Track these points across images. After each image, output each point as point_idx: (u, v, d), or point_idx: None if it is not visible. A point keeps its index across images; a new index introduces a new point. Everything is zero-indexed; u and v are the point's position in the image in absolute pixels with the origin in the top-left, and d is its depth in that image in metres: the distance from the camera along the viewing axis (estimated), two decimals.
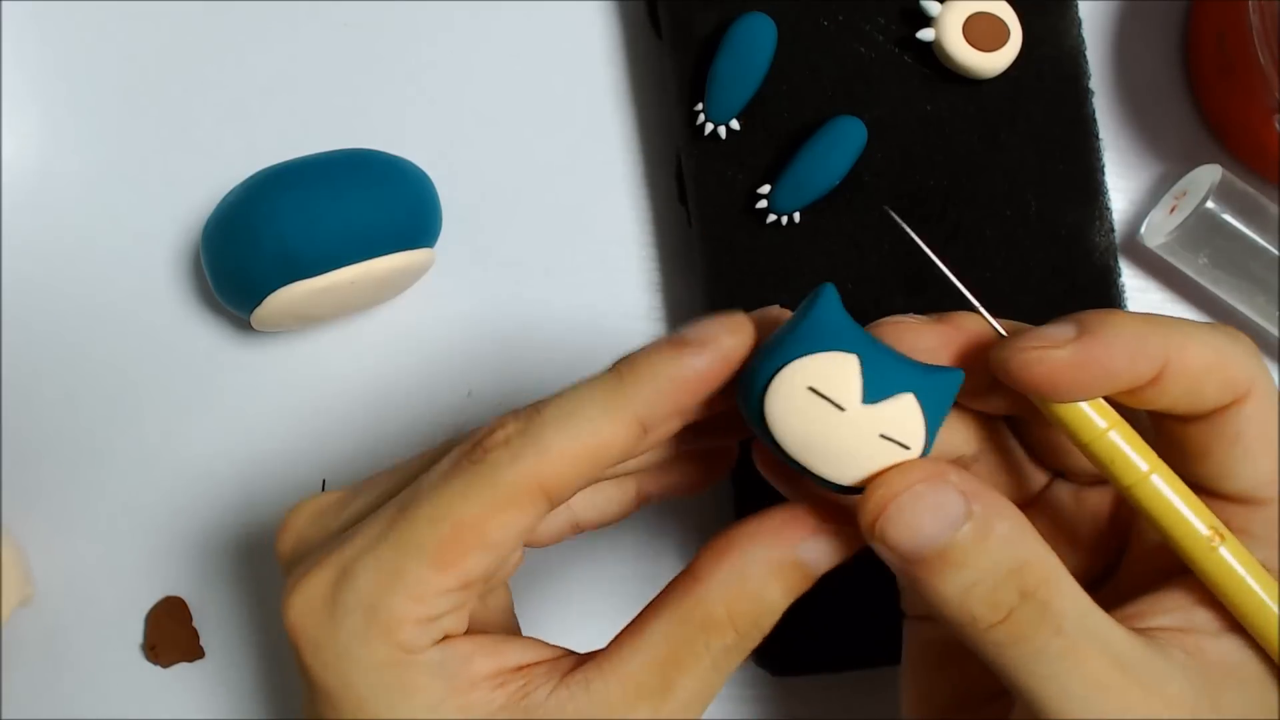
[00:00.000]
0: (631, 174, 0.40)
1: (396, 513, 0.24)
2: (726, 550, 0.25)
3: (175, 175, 0.39)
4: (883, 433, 0.23)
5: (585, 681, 0.24)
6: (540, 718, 0.24)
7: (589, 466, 0.23)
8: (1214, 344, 0.24)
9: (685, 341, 0.24)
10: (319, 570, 0.24)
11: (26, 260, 0.39)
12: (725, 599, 0.24)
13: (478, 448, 0.24)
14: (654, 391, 0.23)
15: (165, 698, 0.38)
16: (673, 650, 0.24)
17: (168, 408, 0.39)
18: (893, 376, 0.22)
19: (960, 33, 0.35)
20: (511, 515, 0.23)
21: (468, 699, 0.24)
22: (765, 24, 0.35)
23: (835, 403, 0.22)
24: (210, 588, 0.39)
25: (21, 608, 0.38)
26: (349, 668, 0.24)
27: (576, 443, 0.23)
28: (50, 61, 0.40)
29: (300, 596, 0.24)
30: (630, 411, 0.23)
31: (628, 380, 0.23)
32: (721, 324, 0.24)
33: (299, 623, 0.24)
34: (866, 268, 0.35)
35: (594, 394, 0.24)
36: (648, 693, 0.24)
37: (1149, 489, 0.24)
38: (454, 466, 0.24)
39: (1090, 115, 0.36)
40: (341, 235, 0.35)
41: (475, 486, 0.23)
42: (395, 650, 0.23)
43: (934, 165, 0.36)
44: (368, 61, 0.40)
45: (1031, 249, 0.36)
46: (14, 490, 0.39)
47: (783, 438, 0.23)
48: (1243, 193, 0.37)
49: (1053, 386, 0.23)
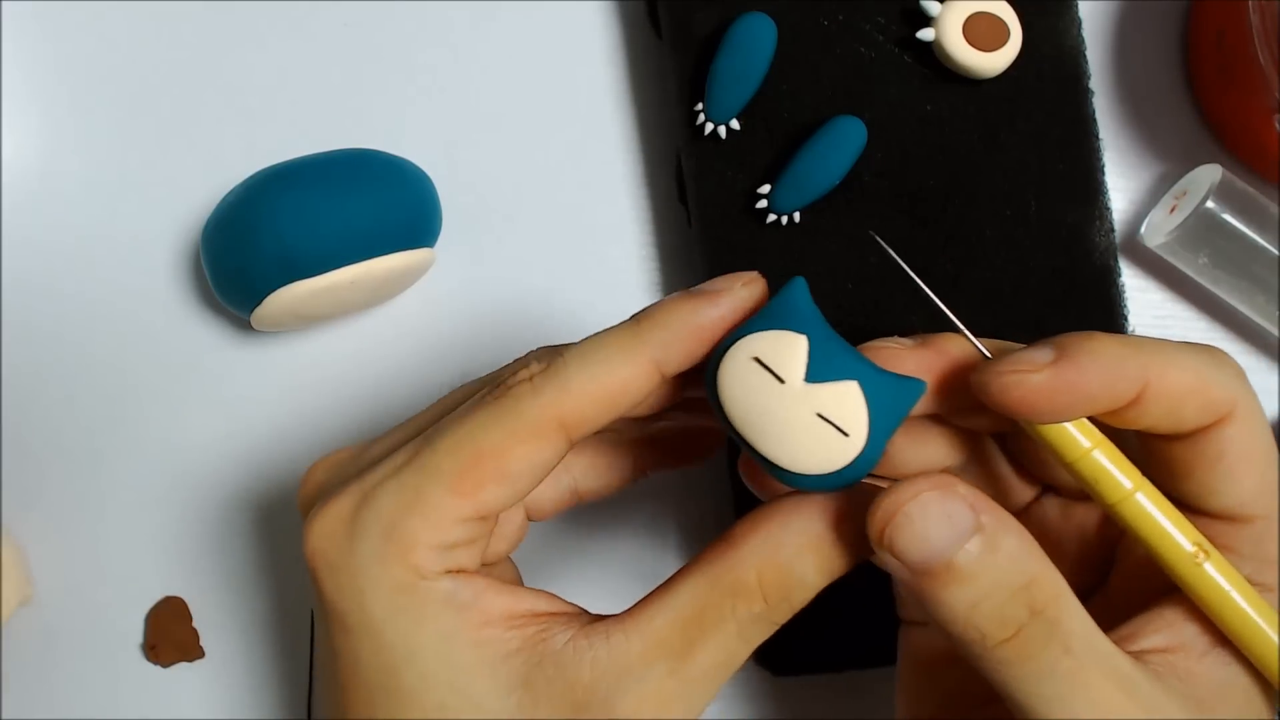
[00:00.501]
0: (631, 174, 0.40)
1: (420, 443, 0.25)
2: (766, 518, 0.25)
3: (175, 175, 0.39)
4: (820, 412, 0.23)
5: (605, 634, 0.24)
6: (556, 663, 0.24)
7: (607, 406, 0.24)
8: (1195, 366, 0.24)
9: (701, 292, 0.25)
10: (340, 498, 0.25)
11: (26, 260, 0.39)
12: (757, 565, 0.24)
13: (500, 385, 0.25)
14: (670, 336, 0.24)
15: (165, 698, 0.38)
16: (698, 611, 0.24)
17: (168, 408, 0.39)
18: (840, 363, 0.23)
19: (960, 32, 0.35)
20: (531, 447, 0.24)
21: (481, 634, 0.24)
22: (765, 24, 0.35)
23: (776, 374, 0.23)
24: (210, 588, 0.39)
25: (21, 607, 0.38)
26: (364, 587, 0.24)
27: (596, 382, 0.24)
28: (50, 61, 0.40)
29: (320, 522, 0.24)
30: (647, 354, 0.24)
31: (645, 326, 0.24)
32: (736, 277, 0.25)
33: (318, 546, 0.24)
34: (866, 268, 0.35)
35: (614, 338, 0.24)
36: (668, 651, 0.24)
37: (1134, 506, 0.24)
38: (478, 401, 0.25)
39: (1090, 115, 0.36)
40: (341, 235, 0.35)
41: (497, 417, 0.24)
42: (409, 572, 0.24)
43: (934, 165, 0.36)
44: (368, 61, 0.40)
45: (1031, 249, 0.35)
46: (14, 490, 0.39)
47: (727, 407, 0.23)
48: (1243, 192, 0.37)
49: (1032, 409, 0.23)
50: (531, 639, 0.24)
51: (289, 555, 0.39)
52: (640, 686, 0.24)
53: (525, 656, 0.24)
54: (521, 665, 0.24)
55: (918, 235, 0.35)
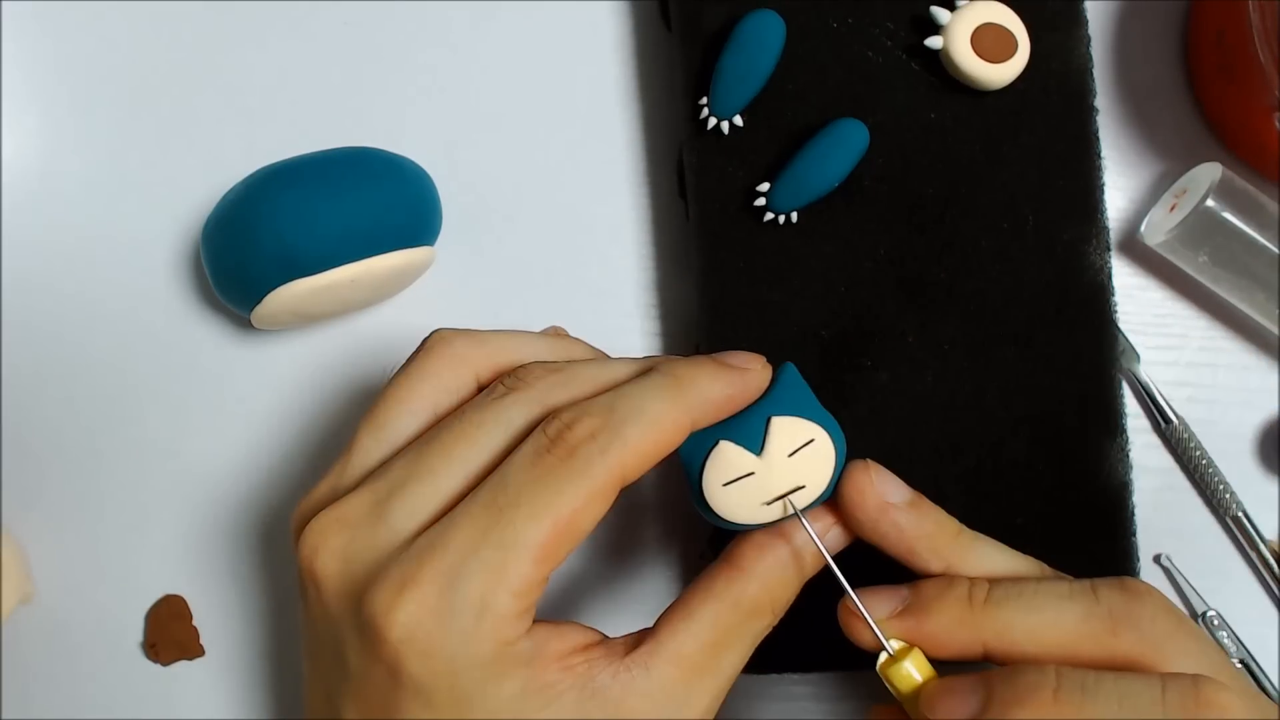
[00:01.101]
0: (633, 173, 0.40)
1: (490, 514, 0.25)
2: (769, 544, 0.28)
3: (175, 175, 0.39)
4: (789, 452, 0.27)
5: (644, 665, 0.26)
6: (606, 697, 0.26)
7: (655, 457, 0.26)
8: None
9: (730, 365, 0.28)
10: (419, 584, 0.25)
11: (26, 260, 0.39)
12: (768, 586, 0.28)
13: (561, 443, 0.26)
14: (706, 399, 0.27)
15: (165, 696, 0.38)
16: (721, 633, 0.27)
17: (168, 407, 0.39)
18: (750, 423, 0.27)
19: (968, 42, 0.35)
20: (601, 505, 0.26)
21: (544, 681, 0.26)
22: (774, 21, 0.34)
23: (745, 475, 0.27)
24: (210, 587, 0.39)
25: (21, 607, 0.38)
26: (457, 668, 0.25)
27: (649, 438, 0.26)
28: (50, 61, 0.40)
29: (405, 613, 0.25)
30: (689, 414, 0.27)
31: (685, 386, 0.27)
32: (751, 357, 0.28)
33: (408, 636, 0.25)
34: (861, 271, 0.35)
35: (660, 393, 0.27)
36: (701, 671, 0.27)
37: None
38: (539, 462, 0.26)
39: (1093, 134, 0.36)
40: (341, 233, 0.35)
41: (571, 482, 0.25)
42: (498, 645, 0.25)
43: (934, 173, 0.36)
44: (368, 61, 0.40)
45: (1026, 263, 0.35)
46: (14, 490, 0.39)
47: (752, 520, 0.28)
48: (1242, 191, 0.37)
49: None
50: (581, 677, 0.26)
51: (288, 554, 0.39)
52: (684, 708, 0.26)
53: (577, 694, 0.26)
54: (575, 703, 0.26)
55: (914, 242, 0.35)
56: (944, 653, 0.28)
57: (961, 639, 0.27)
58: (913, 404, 0.35)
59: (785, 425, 0.27)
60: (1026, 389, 0.35)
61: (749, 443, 0.27)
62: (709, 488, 0.27)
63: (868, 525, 0.29)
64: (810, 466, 0.27)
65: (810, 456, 0.27)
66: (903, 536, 0.29)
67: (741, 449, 0.27)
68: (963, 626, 0.27)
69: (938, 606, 0.28)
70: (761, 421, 0.27)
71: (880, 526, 0.28)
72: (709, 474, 0.27)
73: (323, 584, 0.27)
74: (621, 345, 0.39)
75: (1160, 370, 0.39)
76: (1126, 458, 0.35)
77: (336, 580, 0.27)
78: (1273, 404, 0.39)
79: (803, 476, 0.27)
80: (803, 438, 0.27)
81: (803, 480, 0.27)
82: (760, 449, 0.27)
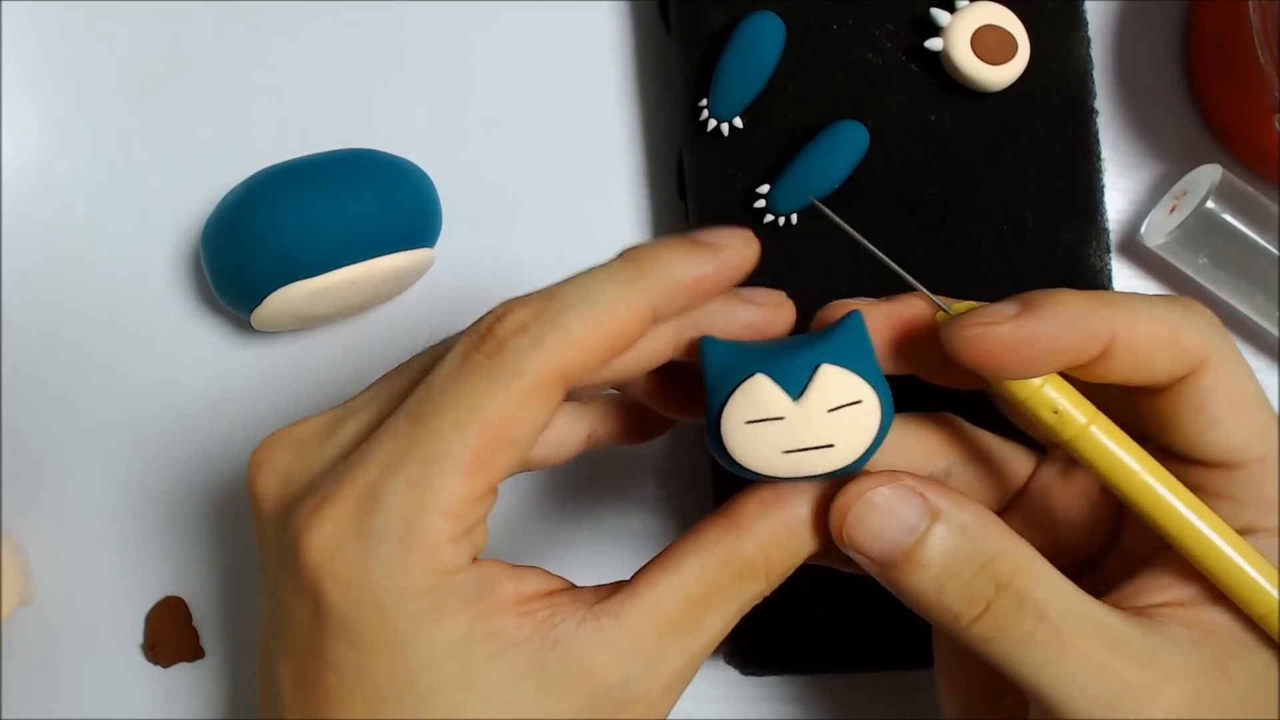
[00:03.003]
0: (633, 175, 0.40)
1: (412, 423, 0.22)
2: (775, 502, 0.25)
3: (175, 175, 0.39)
4: (829, 408, 0.23)
5: (615, 614, 0.23)
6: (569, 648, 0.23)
7: (606, 352, 0.23)
8: (1165, 318, 0.24)
9: (701, 242, 0.24)
10: (336, 500, 0.22)
11: (26, 260, 0.39)
12: (765, 548, 0.24)
13: (490, 337, 0.23)
14: (670, 283, 0.23)
15: (165, 698, 0.38)
16: (706, 591, 0.24)
17: (168, 408, 0.39)
18: (799, 363, 0.24)
19: (968, 44, 0.35)
20: (536, 406, 0.22)
21: (494, 626, 0.23)
22: (774, 23, 0.35)
23: (774, 417, 0.23)
24: (210, 588, 0.39)
25: (21, 607, 0.38)
26: (384, 600, 0.22)
27: (596, 326, 0.23)
28: (50, 61, 0.40)
29: (320, 532, 0.22)
30: (647, 299, 0.23)
31: (646, 269, 0.23)
32: (733, 230, 0.24)
33: (323, 561, 0.22)
34: (860, 273, 0.35)
35: (611, 279, 0.23)
36: (677, 629, 0.24)
37: (1089, 440, 0.24)
38: (466, 360, 0.23)
39: (1093, 135, 0.36)
40: (341, 235, 0.35)
41: (499, 380, 0.22)
42: (434, 574, 0.22)
43: (934, 175, 0.36)
44: (368, 61, 0.40)
45: (1026, 265, 0.35)
46: (14, 490, 0.39)
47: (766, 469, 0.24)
48: (1243, 193, 0.37)
49: (996, 363, 0.23)
50: (541, 624, 0.23)
51: None
52: (655, 667, 0.23)
53: (536, 643, 0.23)
54: (533, 652, 0.23)
55: (914, 244, 0.35)
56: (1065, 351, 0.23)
57: (1091, 328, 0.23)
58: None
59: (834, 376, 0.23)
60: None
61: (789, 384, 0.23)
62: (729, 420, 0.24)
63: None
64: (848, 429, 0.24)
65: (851, 418, 0.23)
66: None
67: (778, 388, 0.23)
68: (1090, 316, 0.23)
69: (1056, 301, 0.23)
70: (809, 366, 0.23)
71: None
72: (733, 405, 0.24)
73: (260, 504, 0.24)
74: None
75: None
76: None
77: (273, 501, 0.24)
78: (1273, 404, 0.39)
79: (836, 436, 0.24)
80: (849, 396, 0.23)
81: (835, 440, 0.24)
82: (799, 394, 0.23)
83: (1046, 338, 0.23)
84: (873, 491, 0.23)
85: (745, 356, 0.24)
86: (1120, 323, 0.23)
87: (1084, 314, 0.23)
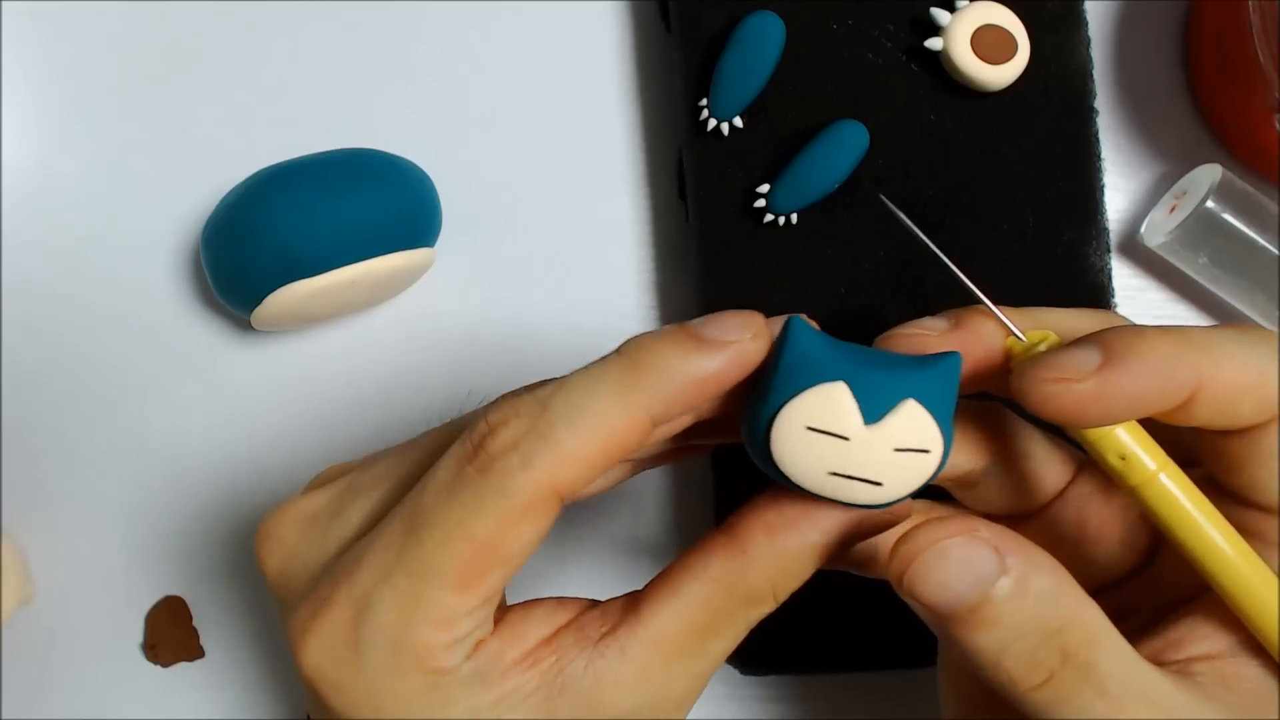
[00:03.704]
0: (632, 174, 0.40)
1: (405, 533, 0.22)
2: (784, 528, 0.24)
3: (175, 175, 0.39)
4: (896, 447, 0.22)
5: (621, 649, 0.23)
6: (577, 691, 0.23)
7: (601, 465, 0.22)
8: (1252, 361, 0.23)
9: (702, 339, 0.23)
10: (331, 608, 0.23)
11: (26, 260, 0.39)
12: (772, 574, 0.24)
13: (481, 452, 0.22)
14: (668, 387, 0.22)
15: (165, 698, 0.38)
16: (711, 617, 0.24)
17: (168, 408, 0.39)
18: (887, 389, 0.22)
19: (968, 44, 0.35)
20: (528, 525, 0.22)
21: (499, 692, 0.23)
22: (774, 23, 0.35)
23: (838, 435, 0.22)
24: (210, 588, 0.39)
25: (21, 607, 0.38)
26: (381, 702, 0.22)
27: (590, 442, 0.22)
28: (50, 61, 0.40)
29: (316, 639, 0.23)
30: (644, 407, 0.22)
31: (642, 371, 0.22)
32: (739, 324, 0.23)
33: (318, 666, 0.23)
34: (861, 273, 0.35)
35: (605, 384, 0.22)
36: (682, 653, 0.23)
37: (1155, 489, 0.23)
38: (458, 475, 0.22)
39: (1093, 135, 0.36)
40: (341, 235, 0.35)
41: (487, 499, 0.22)
42: (427, 675, 0.22)
43: (934, 175, 0.36)
44: (368, 61, 0.40)
45: (1026, 265, 0.35)
46: (14, 490, 0.39)
47: (803, 481, 0.22)
48: (1243, 192, 0.37)
49: (1075, 417, 0.22)
50: (548, 672, 0.23)
51: None
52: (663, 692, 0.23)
53: (545, 692, 0.23)
54: (542, 701, 0.23)
55: (913, 244, 0.35)
56: (1149, 402, 0.22)
57: (1178, 376, 0.22)
58: None
59: (915, 416, 0.22)
60: None
61: (868, 405, 0.22)
62: (788, 418, 0.22)
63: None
64: (902, 473, 0.22)
65: (911, 463, 0.22)
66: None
67: (855, 405, 0.22)
68: (1177, 362, 0.22)
69: (1140, 348, 0.22)
70: (896, 395, 0.22)
71: None
72: (799, 404, 0.22)
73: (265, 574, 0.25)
74: None
75: None
76: None
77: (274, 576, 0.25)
78: None
79: (888, 476, 0.22)
80: (920, 442, 0.22)
81: (886, 480, 0.22)
82: (875, 420, 0.22)
83: (1131, 391, 0.22)
84: (946, 541, 0.22)
85: (831, 356, 0.22)
86: (1207, 368, 0.22)
87: (1170, 360, 0.22)
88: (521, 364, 0.39)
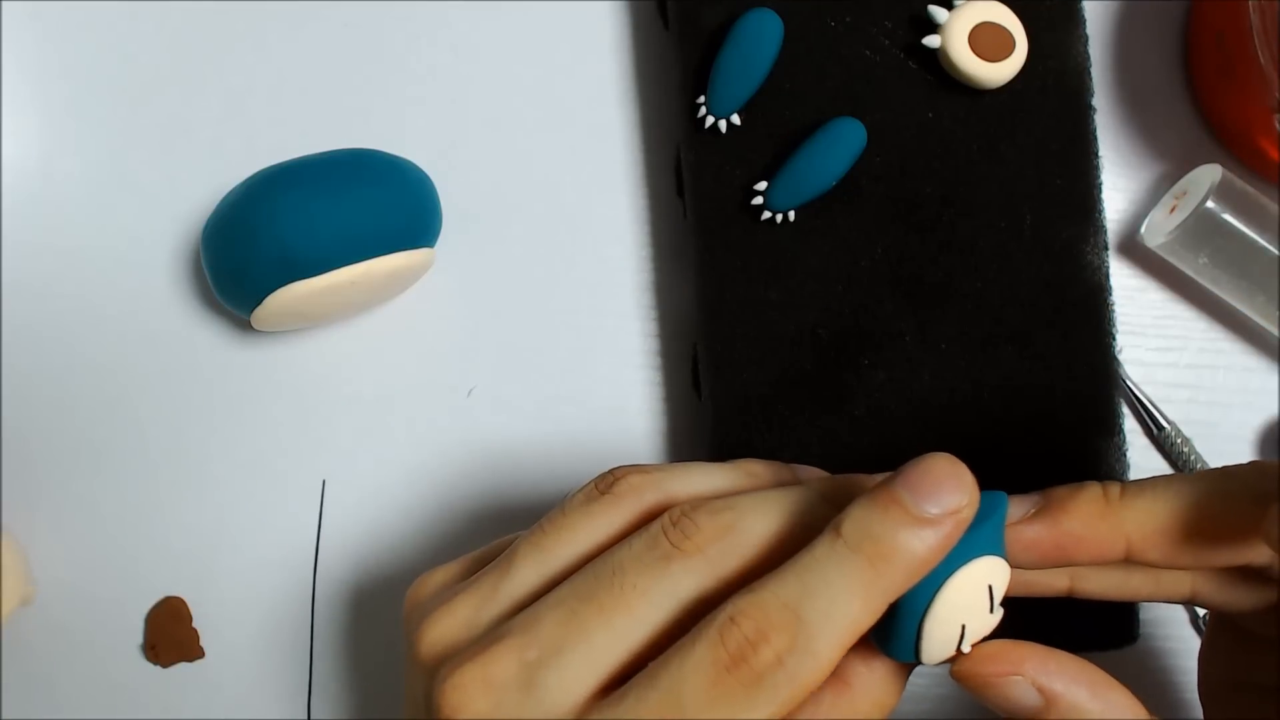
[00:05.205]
0: (632, 174, 0.40)
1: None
2: (874, 657, 0.25)
3: (175, 175, 0.40)
4: (999, 602, 0.24)
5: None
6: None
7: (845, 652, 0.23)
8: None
9: (925, 519, 0.23)
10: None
11: (26, 260, 0.39)
12: (878, 703, 0.25)
13: (744, 665, 0.23)
14: (905, 575, 0.23)
15: (165, 698, 0.38)
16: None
17: (168, 408, 0.39)
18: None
19: (966, 41, 0.35)
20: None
21: None
22: (772, 20, 0.35)
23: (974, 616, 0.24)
24: (210, 588, 0.39)
25: (22, 607, 0.38)
26: None
27: (844, 646, 0.23)
28: (50, 61, 0.40)
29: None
30: (885, 598, 0.23)
31: (880, 570, 0.23)
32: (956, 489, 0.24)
33: None
34: (858, 270, 0.35)
35: (849, 586, 0.23)
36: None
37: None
38: (721, 682, 0.23)
39: (1091, 133, 0.36)
40: (341, 235, 0.35)
41: (755, 710, 0.23)
42: None
43: (932, 172, 0.36)
44: (368, 61, 0.40)
45: (1024, 262, 0.35)
46: (14, 490, 0.39)
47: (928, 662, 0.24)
48: (1243, 193, 0.37)
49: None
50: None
51: (289, 556, 0.39)
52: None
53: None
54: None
55: (911, 241, 0.35)
56: (1084, 552, 0.26)
57: (1103, 533, 0.25)
58: (910, 403, 0.35)
59: (1004, 575, 0.24)
60: (1023, 388, 0.35)
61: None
62: (939, 611, 0.23)
63: None
64: (982, 613, 0.24)
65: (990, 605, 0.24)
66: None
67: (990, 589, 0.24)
68: (1104, 520, 0.25)
69: (1074, 503, 0.26)
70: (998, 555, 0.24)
71: None
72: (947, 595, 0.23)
73: (414, 646, 0.25)
74: (619, 345, 0.39)
75: (1160, 372, 0.39)
76: (1124, 458, 0.35)
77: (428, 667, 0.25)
78: (1273, 406, 0.39)
79: (973, 620, 0.24)
80: (1003, 588, 0.24)
81: (969, 621, 0.24)
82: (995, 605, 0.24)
83: None
84: None
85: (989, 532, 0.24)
86: None
87: None
88: (521, 364, 0.39)
